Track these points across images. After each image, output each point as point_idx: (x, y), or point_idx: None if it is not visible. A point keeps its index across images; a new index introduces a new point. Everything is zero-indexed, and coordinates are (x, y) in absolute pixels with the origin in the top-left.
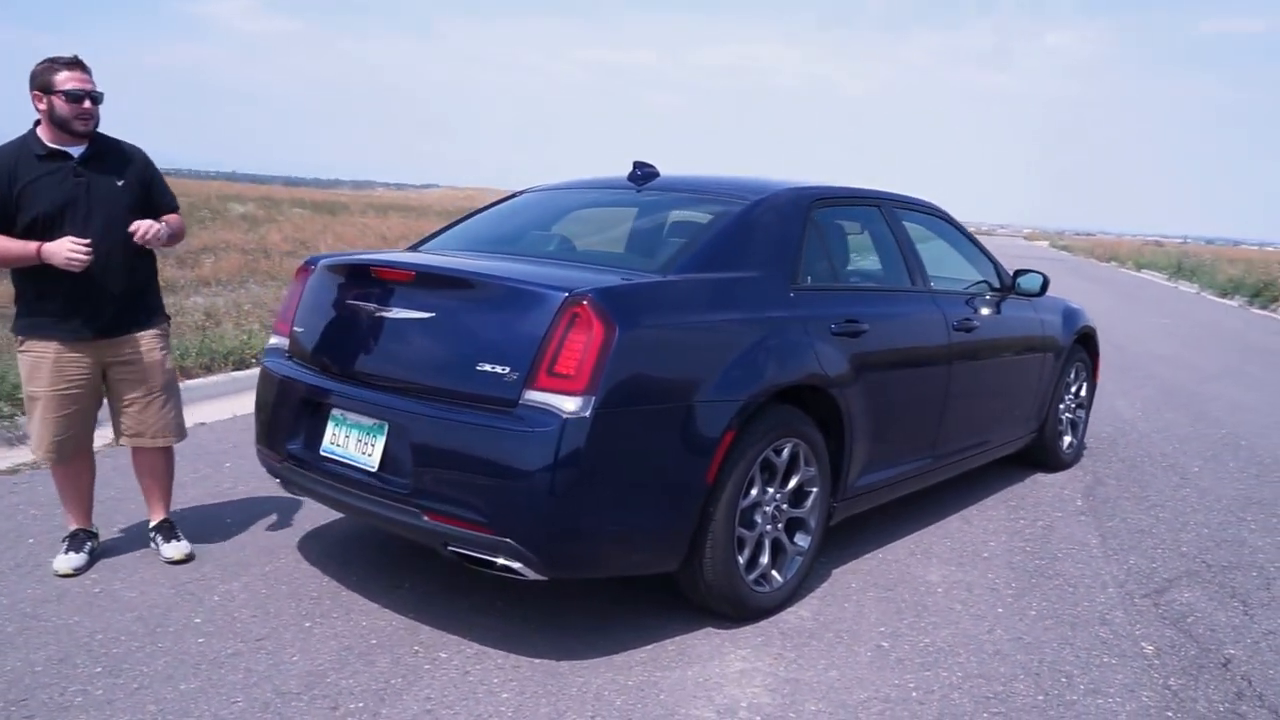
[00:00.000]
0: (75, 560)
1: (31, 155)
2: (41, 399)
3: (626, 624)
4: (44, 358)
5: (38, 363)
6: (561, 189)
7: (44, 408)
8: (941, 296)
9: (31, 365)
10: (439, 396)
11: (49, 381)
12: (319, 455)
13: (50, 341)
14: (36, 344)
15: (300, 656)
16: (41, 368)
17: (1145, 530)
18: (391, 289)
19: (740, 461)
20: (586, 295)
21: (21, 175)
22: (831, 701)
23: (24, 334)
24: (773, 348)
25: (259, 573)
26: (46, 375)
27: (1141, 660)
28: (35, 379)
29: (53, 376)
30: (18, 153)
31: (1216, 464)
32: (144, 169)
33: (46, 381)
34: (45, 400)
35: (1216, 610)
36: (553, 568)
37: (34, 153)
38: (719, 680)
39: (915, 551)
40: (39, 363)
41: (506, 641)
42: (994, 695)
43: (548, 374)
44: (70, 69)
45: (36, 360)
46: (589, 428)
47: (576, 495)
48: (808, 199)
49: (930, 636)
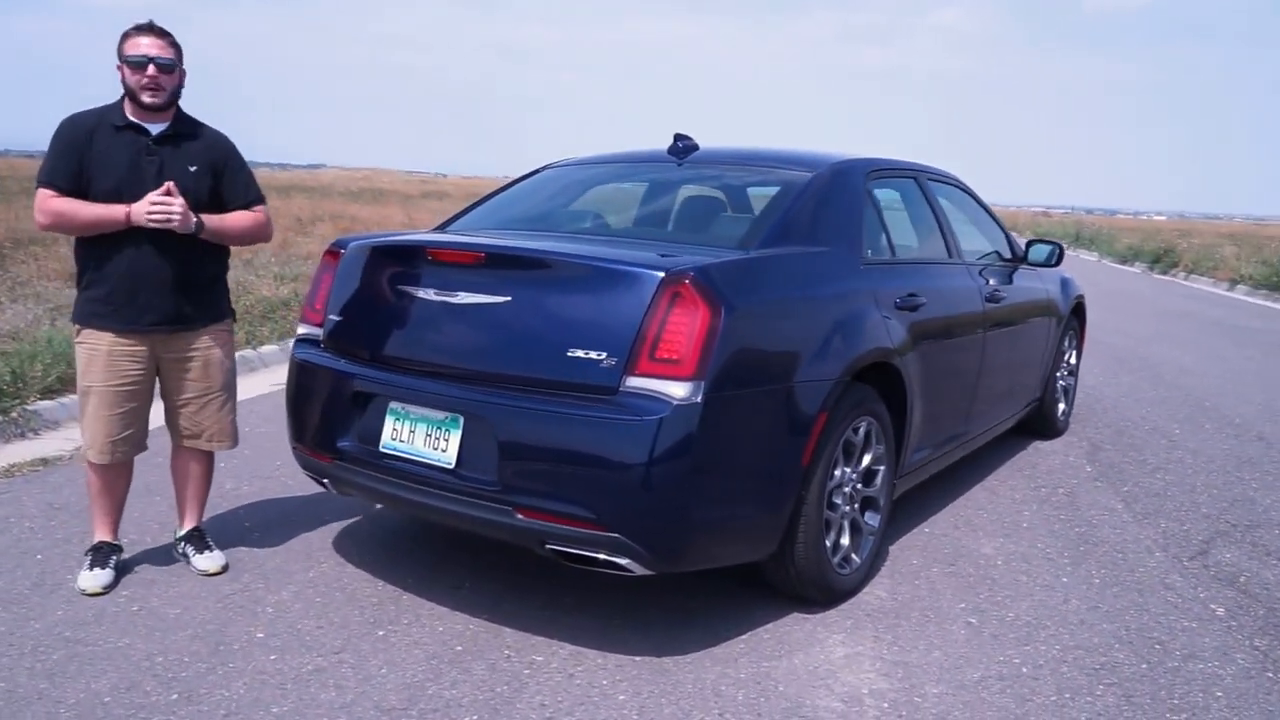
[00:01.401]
0: (103, 577)
1: (109, 125)
2: (95, 394)
3: (710, 614)
4: (98, 349)
5: (92, 354)
6: (595, 164)
7: (97, 403)
8: (972, 268)
9: (87, 357)
10: (524, 386)
11: (102, 376)
12: (378, 452)
13: (105, 332)
14: (91, 334)
15: (388, 668)
16: (96, 360)
17: (1161, 494)
18: (456, 273)
19: (829, 442)
20: (688, 274)
21: (97, 144)
22: (949, 683)
23: (81, 321)
24: (854, 324)
25: (304, 579)
26: (100, 368)
27: (1218, 623)
28: (89, 372)
29: (106, 371)
30: (97, 121)
31: (1194, 426)
32: (221, 156)
33: (100, 376)
34: (98, 395)
35: (1261, 569)
36: (663, 562)
37: (112, 122)
38: (829, 667)
39: (958, 524)
40: (93, 354)
41: (596, 639)
42: (1100, 666)
43: (650, 359)
44: (140, 34)
45: (91, 351)
46: (700, 414)
47: (689, 485)
48: (863, 169)
49: (1011, 610)
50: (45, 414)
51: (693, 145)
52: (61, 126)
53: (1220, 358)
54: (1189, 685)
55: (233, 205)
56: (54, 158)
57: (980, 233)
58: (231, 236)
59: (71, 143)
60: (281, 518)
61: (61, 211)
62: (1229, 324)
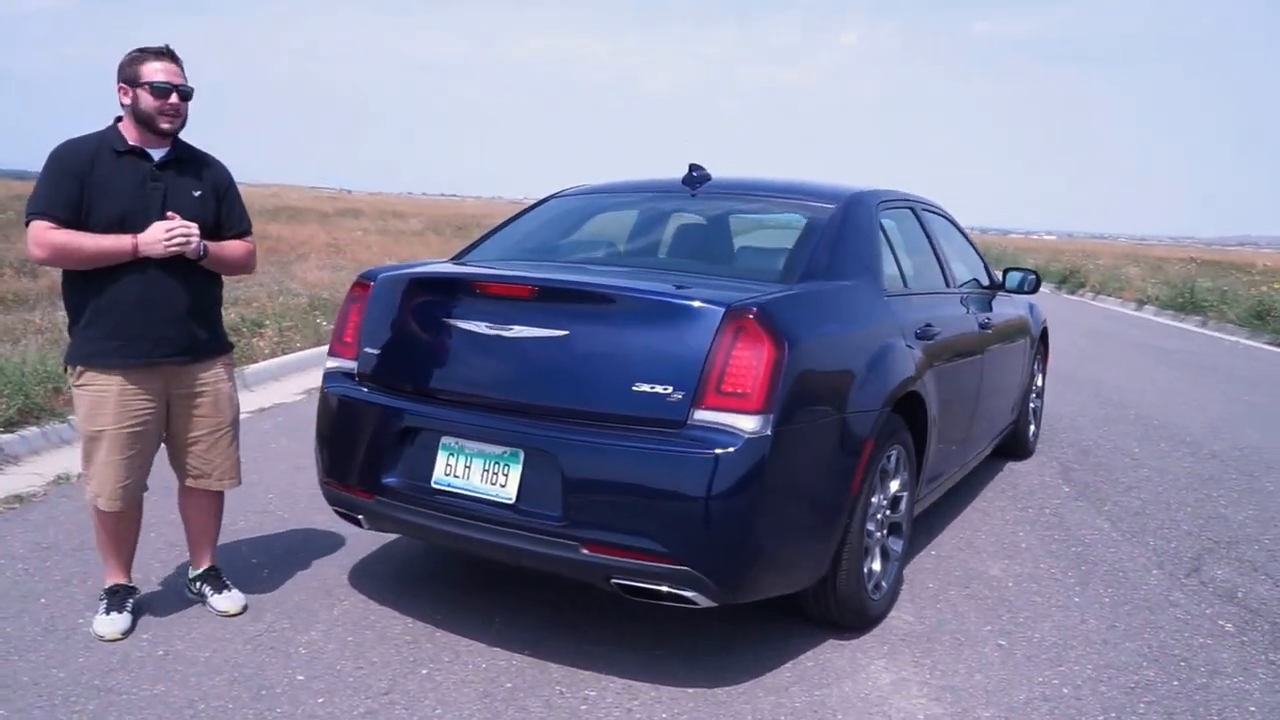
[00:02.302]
0: (121, 622)
1: (110, 150)
2: (106, 439)
3: (749, 642)
4: (107, 391)
5: (100, 397)
6: (607, 193)
7: (109, 448)
8: (965, 296)
9: (93, 401)
10: (588, 420)
11: (114, 418)
12: (429, 488)
13: (113, 374)
14: (98, 376)
15: (442, 709)
16: (105, 403)
17: (1140, 512)
18: (508, 306)
19: (872, 471)
20: (751, 309)
21: (99, 170)
22: (999, 706)
23: (83, 363)
24: (890, 355)
25: (330, 618)
26: (112, 411)
27: (1232, 639)
28: (98, 416)
29: (118, 412)
30: (97, 146)
31: (1151, 445)
32: (223, 183)
33: (112, 418)
34: (111, 440)
35: (1253, 584)
36: (729, 594)
37: (113, 148)
38: (880, 694)
39: (961, 546)
40: (102, 397)
41: (642, 672)
42: (1135, 685)
43: (716, 392)
44: (159, 59)
45: (99, 395)
46: (770, 446)
47: (758, 517)
48: (874, 201)
49: (1035, 631)
50: (6, 448)
51: (706, 175)
52: (58, 152)
53: (1150, 377)
54: (1223, 701)
55: (229, 233)
56: (51, 186)
57: (961, 260)
58: (227, 265)
59: (71, 169)
60: (288, 553)
61: (63, 244)
62: (1149, 345)
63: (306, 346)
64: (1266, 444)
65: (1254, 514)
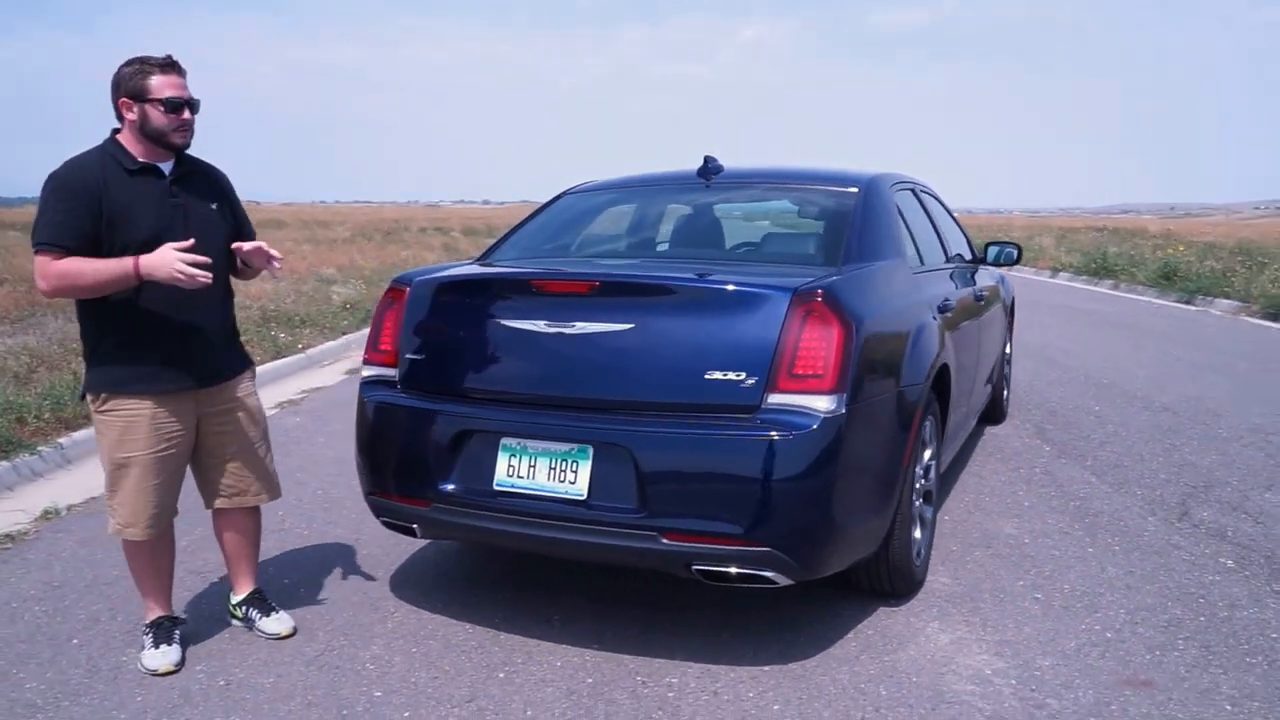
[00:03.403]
0: (172, 654)
1: (121, 169)
2: (137, 466)
3: (806, 620)
4: (138, 417)
5: (131, 424)
6: (622, 188)
7: (140, 475)
8: (961, 270)
9: (123, 428)
10: (659, 411)
11: (146, 444)
12: (491, 491)
13: (144, 399)
14: (127, 401)
15: (532, 710)
16: (136, 429)
17: (1119, 465)
18: (566, 303)
19: (920, 442)
20: (818, 291)
21: (113, 192)
22: (1055, 654)
23: (108, 390)
24: (927, 330)
25: (385, 631)
26: (144, 437)
27: (1235, 574)
28: (128, 443)
29: (151, 438)
30: (103, 165)
31: (1109, 402)
32: (228, 188)
33: (144, 444)
34: (142, 467)
35: (1239, 523)
36: (808, 571)
37: (124, 167)
38: (944, 654)
39: (971, 509)
40: (132, 423)
41: (715, 654)
42: (1169, 623)
43: (789, 375)
44: (166, 73)
45: (129, 421)
46: (844, 425)
47: (836, 493)
48: (889, 184)
49: (1065, 582)
50: None
51: (719, 167)
52: (63, 177)
53: (1086, 339)
54: (1248, 631)
55: (246, 239)
56: (61, 213)
57: (951, 236)
58: (252, 272)
59: (80, 193)
60: (318, 570)
61: (63, 273)
62: (1075, 308)
63: (266, 360)
64: (1206, 394)
65: (1218, 459)
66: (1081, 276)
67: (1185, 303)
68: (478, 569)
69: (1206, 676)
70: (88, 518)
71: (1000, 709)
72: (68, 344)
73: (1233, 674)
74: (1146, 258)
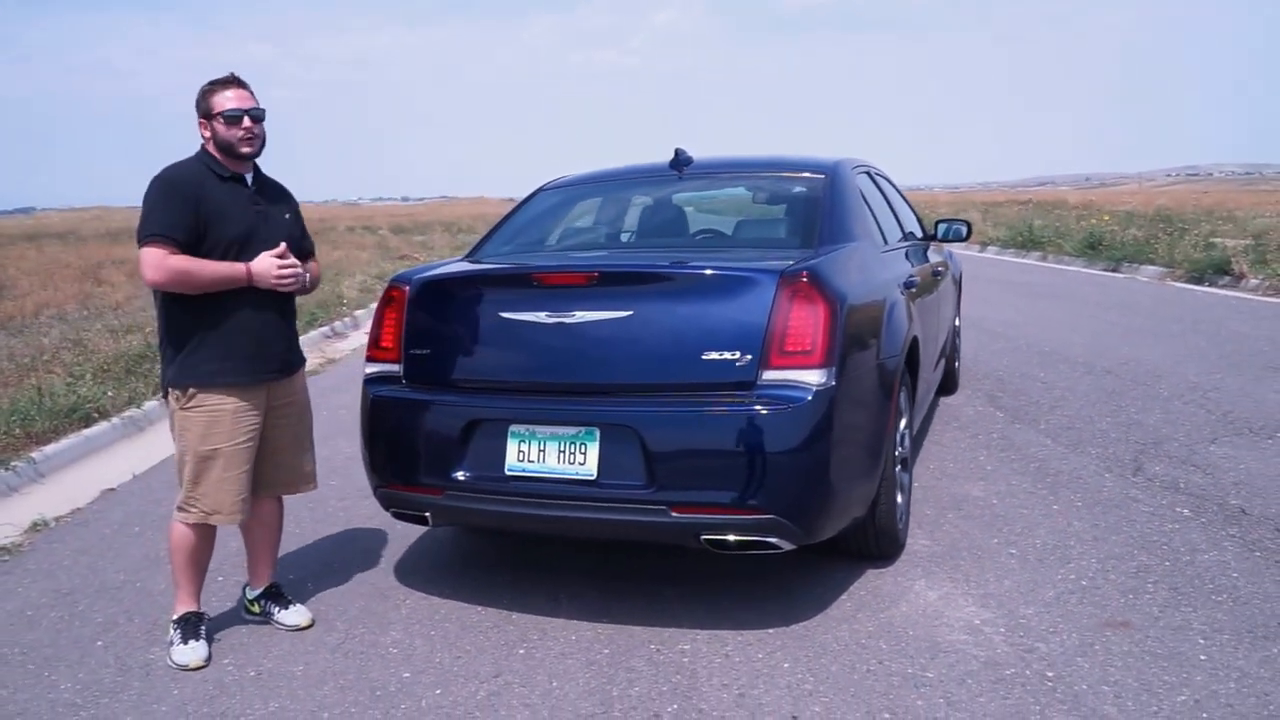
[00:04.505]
0: (201, 649)
1: (214, 176)
2: (222, 456)
3: (799, 582)
4: (222, 409)
5: (216, 417)
6: (598, 182)
7: (224, 465)
8: (914, 248)
9: (208, 421)
10: (660, 391)
11: (229, 436)
12: (503, 476)
13: (228, 393)
14: (212, 396)
15: (557, 681)
16: (221, 422)
17: (1071, 427)
18: (565, 293)
19: (898, 411)
20: (803, 273)
21: (211, 194)
22: (1037, 603)
23: (196, 383)
24: (897, 305)
25: (401, 617)
26: (227, 429)
27: (1193, 521)
28: (213, 435)
29: (234, 429)
30: (201, 171)
31: (1053, 369)
32: (295, 204)
33: (227, 436)
34: (226, 457)
35: (1189, 474)
36: (810, 535)
37: (217, 174)
38: (934, 608)
39: (938, 475)
40: (217, 417)
41: (721, 620)
42: (1137, 570)
43: (780, 352)
44: (227, 88)
45: (214, 415)
46: (835, 396)
47: (833, 461)
48: (850, 168)
49: (1036, 538)
50: None
51: (689, 159)
52: (169, 177)
53: (1022, 309)
54: (1211, 571)
55: (309, 253)
56: (168, 210)
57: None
58: (309, 288)
59: (185, 193)
60: (321, 564)
61: (183, 269)
62: (1007, 280)
63: None
64: (1142, 356)
65: (1162, 417)
66: (1009, 249)
67: (1112, 270)
68: (476, 555)
69: (1178, 615)
70: (79, 527)
71: (994, 655)
72: (17, 359)
73: (1201, 611)
74: (1071, 229)
